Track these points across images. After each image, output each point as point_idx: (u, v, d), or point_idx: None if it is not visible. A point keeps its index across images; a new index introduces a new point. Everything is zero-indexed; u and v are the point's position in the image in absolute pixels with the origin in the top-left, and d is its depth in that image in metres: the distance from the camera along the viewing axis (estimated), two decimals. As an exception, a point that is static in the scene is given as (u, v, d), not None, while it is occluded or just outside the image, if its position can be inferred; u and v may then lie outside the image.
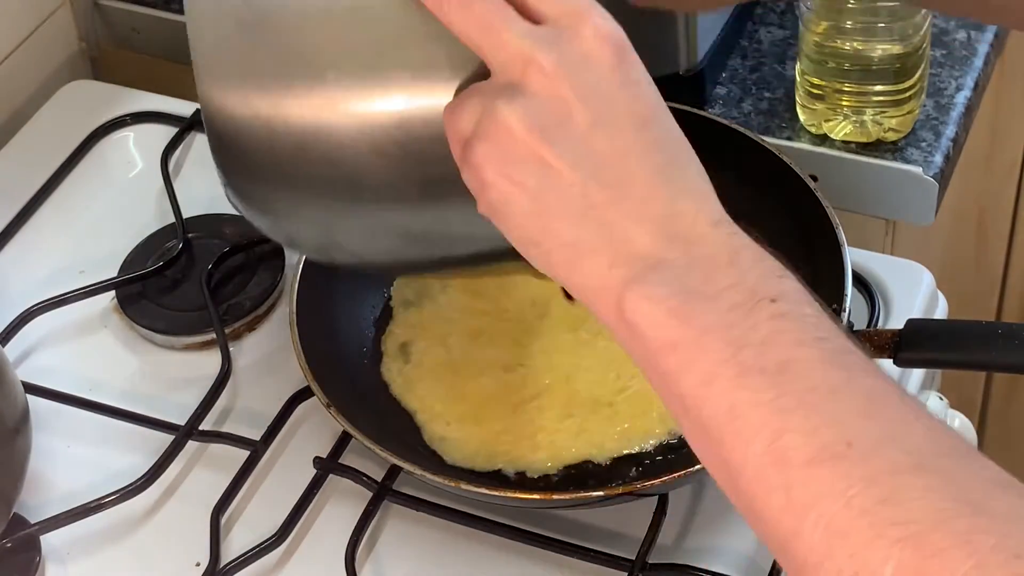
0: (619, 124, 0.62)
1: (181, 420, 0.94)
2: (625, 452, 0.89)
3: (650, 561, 0.85)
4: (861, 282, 0.98)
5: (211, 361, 0.98)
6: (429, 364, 0.95)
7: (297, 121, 0.70)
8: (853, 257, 0.93)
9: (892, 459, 0.55)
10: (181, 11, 1.22)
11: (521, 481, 0.89)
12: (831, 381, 0.57)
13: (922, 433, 0.56)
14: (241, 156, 0.74)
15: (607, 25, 0.63)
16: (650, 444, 0.89)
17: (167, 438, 0.94)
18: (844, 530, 0.54)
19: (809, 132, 1.09)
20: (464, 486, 0.85)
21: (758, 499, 0.57)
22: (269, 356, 1.00)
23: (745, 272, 0.60)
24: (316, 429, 0.94)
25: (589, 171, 0.61)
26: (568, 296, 0.78)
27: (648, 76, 0.64)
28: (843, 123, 1.07)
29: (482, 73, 0.65)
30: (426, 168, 0.69)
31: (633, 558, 0.85)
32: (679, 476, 0.83)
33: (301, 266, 0.95)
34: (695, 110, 1.01)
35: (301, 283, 0.94)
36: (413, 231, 0.73)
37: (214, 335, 0.99)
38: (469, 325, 0.96)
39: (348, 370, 0.95)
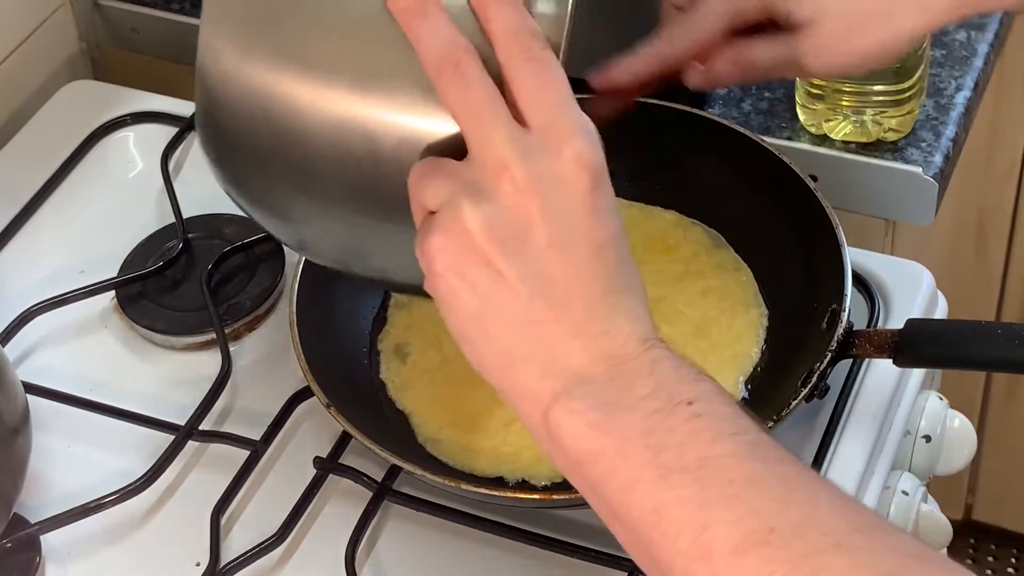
0: (576, 248, 0.64)
1: (181, 420, 0.94)
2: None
3: (650, 561, 0.85)
4: (861, 282, 0.98)
5: (211, 361, 0.99)
6: (423, 366, 0.95)
7: (280, 106, 0.70)
8: (853, 257, 0.93)
9: (812, 541, 0.57)
10: (181, 11, 1.23)
11: (522, 482, 0.89)
12: (748, 472, 0.60)
13: (838, 514, 0.59)
14: (223, 130, 0.74)
15: (588, 151, 0.64)
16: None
17: (167, 438, 0.94)
18: None
19: (809, 132, 1.09)
20: (464, 486, 0.85)
21: None
22: (269, 356, 1.00)
23: (662, 379, 0.63)
24: (316, 429, 0.94)
25: (537, 288, 0.63)
26: None
27: (614, 202, 0.66)
28: (843, 123, 1.07)
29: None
30: (388, 190, 0.69)
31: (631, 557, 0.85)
32: (679, 476, 0.83)
33: (301, 266, 0.95)
34: (695, 110, 1.01)
35: (301, 283, 0.94)
36: (364, 247, 0.74)
37: (214, 335, 0.99)
38: None
39: (348, 370, 0.95)
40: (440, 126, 0.67)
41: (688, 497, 0.59)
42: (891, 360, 0.88)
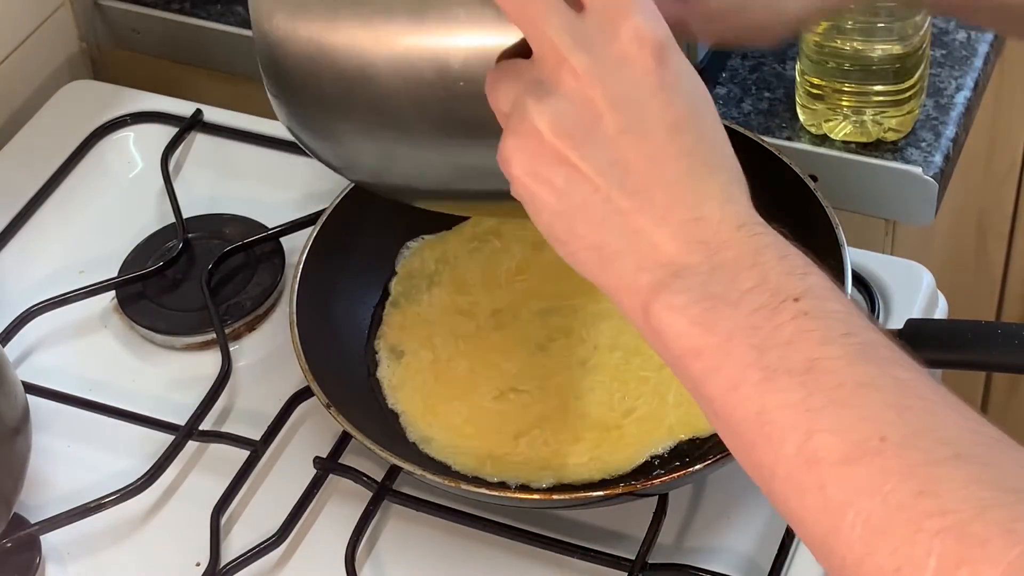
0: (649, 130, 0.61)
1: (181, 420, 0.94)
2: (632, 468, 0.88)
3: (650, 561, 0.85)
4: (861, 282, 0.98)
5: (211, 361, 0.99)
6: (416, 366, 0.95)
7: (343, 53, 0.70)
8: (853, 257, 0.93)
9: (927, 451, 0.54)
10: (181, 11, 1.23)
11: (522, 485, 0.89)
12: (859, 376, 0.56)
13: (957, 423, 0.55)
14: (288, 82, 0.74)
15: (647, 26, 0.61)
16: (660, 451, 0.89)
17: (167, 438, 0.94)
18: (883, 526, 0.53)
19: (809, 132, 1.09)
20: (464, 486, 0.85)
21: (793, 500, 0.56)
22: (269, 356, 1.00)
23: (768, 272, 0.60)
24: (316, 429, 0.94)
25: (615, 177, 0.61)
26: None
27: (691, 75, 0.63)
28: (843, 123, 1.07)
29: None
30: (467, 108, 0.69)
31: (633, 558, 0.85)
32: (679, 476, 0.83)
33: (301, 266, 0.95)
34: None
35: (301, 283, 0.94)
36: (462, 165, 0.73)
37: (214, 335, 0.99)
38: (454, 328, 0.96)
39: (348, 370, 0.95)
40: (503, 33, 0.66)
41: (794, 401, 0.56)
42: (891, 360, 0.87)
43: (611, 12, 0.61)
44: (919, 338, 0.87)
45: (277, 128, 1.14)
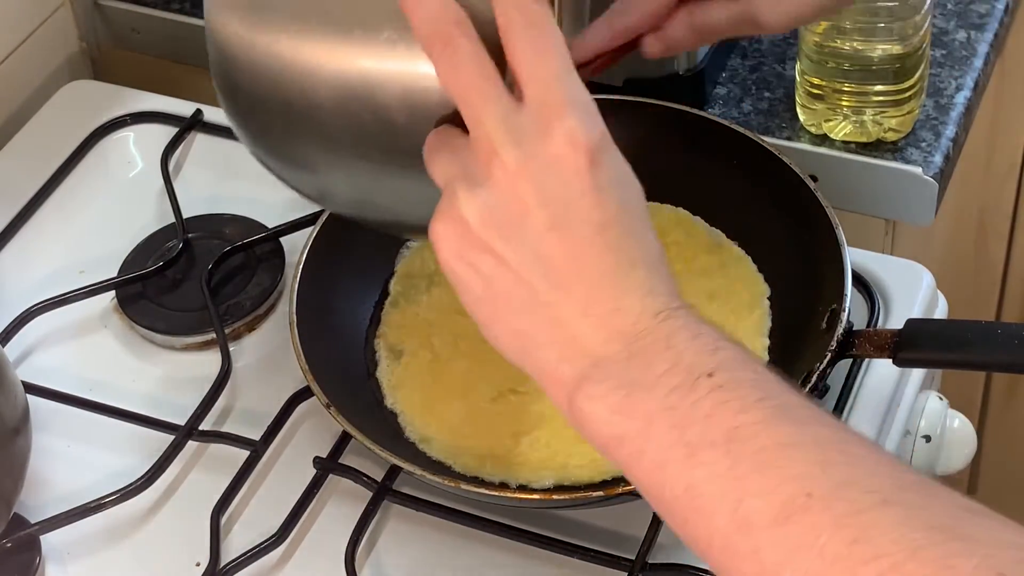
0: (575, 228, 0.62)
1: (181, 420, 0.94)
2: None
3: (650, 561, 0.85)
4: (861, 282, 0.98)
5: (211, 361, 0.99)
6: (415, 366, 0.95)
7: (287, 67, 0.71)
8: (853, 257, 0.93)
9: (853, 500, 0.54)
10: (181, 11, 1.23)
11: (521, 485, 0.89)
12: (779, 437, 0.57)
13: (880, 471, 0.56)
14: (237, 92, 0.75)
15: (581, 129, 0.62)
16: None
17: (167, 438, 0.94)
18: None
19: (809, 132, 1.09)
20: (464, 486, 0.85)
21: (732, 568, 0.57)
22: (269, 356, 1.00)
23: (681, 353, 0.61)
24: (316, 429, 0.94)
25: (540, 271, 0.63)
26: None
27: (622, 172, 0.64)
28: (843, 123, 1.07)
29: None
30: (393, 136, 0.69)
31: (633, 558, 0.85)
32: (679, 476, 0.82)
33: (301, 266, 0.95)
34: (695, 110, 1.01)
35: (301, 283, 0.94)
36: (382, 195, 0.74)
37: (214, 335, 0.99)
38: (453, 328, 0.96)
39: (348, 370, 0.95)
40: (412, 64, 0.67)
41: (720, 472, 0.57)
42: (891, 360, 0.88)
43: (548, 109, 0.62)
44: (919, 338, 0.87)
45: (277, 128, 1.14)
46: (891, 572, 0.52)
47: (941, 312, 1.02)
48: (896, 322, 0.96)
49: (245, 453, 0.93)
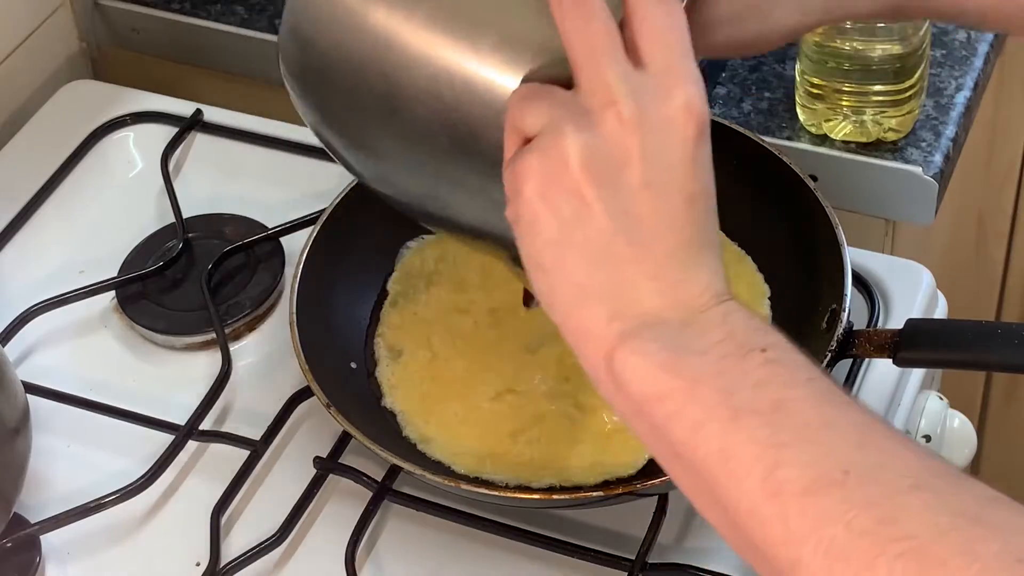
0: (669, 192, 0.63)
1: (181, 420, 0.94)
2: (635, 471, 0.88)
3: (650, 561, 0.85)
4: (861, 282, 0.98)
5: (211, 361, 0.99)
6: (414, 366, 0.95)
7: (368, 40, 0.70)
8: (853, 257, 0.93)
9: (888, 482, 0.56)
10: (181, 11, 1.23)
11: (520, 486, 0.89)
12: (824, 416, 0.59)
13: (915, 459, 0.58)
14: (310, 61, 0.74)
15: (698, 101, 0.63)
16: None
17: (167, 438, 0.94)
18: (845, 553, 0.55)
19: (809, 132, 1.09)
20: (464, 486, 0.85)
21: (755, 533, 0.58)
22: (269, 356, 1.00)
23: (736, 328, 0.62)
24: (316, 429, 0.94)
25: (624, 225, 0.63)
26: (527, 303, 0.79)
27: (711, 159, 0.65)
28: (843, 123, 1.07)
29: (555, 75, 0.66)
30: (467, 129, 0.69)
31: (633, 558, 0.85)
32: (679, 476, 0.83)
33: (301, 266, 0.95)
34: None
35: (301, 283, 0.94)
36: (438, 183, 0.73)
37: (214, 335, 0.99)
38: (453, 327, 0.96)
39: (348, 370, 0.95)
40: (518, 74, 0.67)
41: (760, 438, 0.58)
42: (891, 360, 0.88)
43: (671, 76, 0.63)
44: (919, 338, 0.87)
45: (277, 128, 1.14)
46: (915, 552, 0.53)
47: (941, 312, 1.02)
48: (896, 322, 0.96)
49: (245, 453, 0.93)
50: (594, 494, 0.84)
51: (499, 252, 0.74)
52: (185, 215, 1.06)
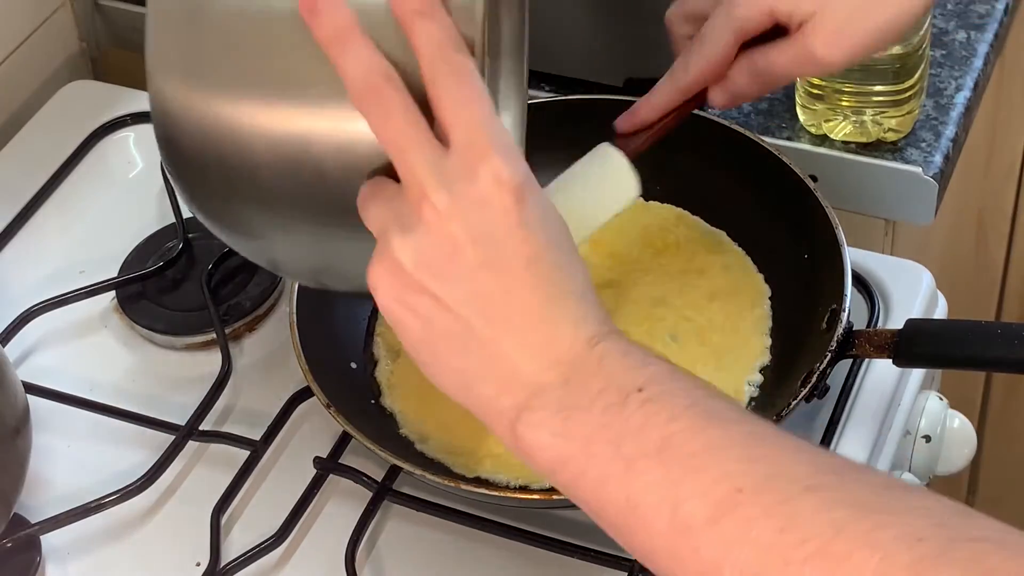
0: (506, 264, 0.64)
1: (181, 420, 0.94)
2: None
3: (650, 561, 0.85)
4: (861, 282, 0.98)
5: (211, 361, 0.99)
6: (412, 366, 0.95)
7: (223, 131, 0.71)
8: (853, 257, 0.93)
9: (780, 490, 0.58)
10: (181, 11, 1.23)
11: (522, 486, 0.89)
12: (707, 441, 0.60)
13: (803, 459, 0.59)
14: (180, 159, 0.75)
15: (505, 169, 0.64)
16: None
17: (167, 438, 0.94)
18: (757, 570, 0.56)
19: (809, 132, 1.09)
20: (464, 486, 0.85)
21: (678, 572, 0.60)
22: (269, 356, 1.00)
23: (612, 373, 0.63)
24: (316, 429, 0.94)
25: (475, 308, 0.65)
26: None
27: (547, 209, 0.66)
28: (843, 123, 1.07)
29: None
30: (330, 193, 0.70)
31: (633, 558, 0.85)
32: (679, 476, 0.82)
33: (301, 266, 0.95)
34: (695, 110, 1.01)
35: (301, 283, 0.94)
36: (330, 259, 0.75)
37: (214, 335, 0.99)
38: None
39: (348, 370, 0.95)
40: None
41: (656, 480, 0.60)
42: (891, 360, 0.88)
43: (473, 152, 0.64)
44: (919, 338, 0.87)
45: (277, 128, 1.14)
46: (819, 552, 0.55)
47: (941, 312, 1.02)
48: (896, 322, 0.96)
49: (245, 453, 0.93)
50: (594, 494, 0.84)
51: None
52: (185, 215, 1.06)
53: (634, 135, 0.89)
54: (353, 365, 0.95)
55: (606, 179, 0.88)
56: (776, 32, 0.85)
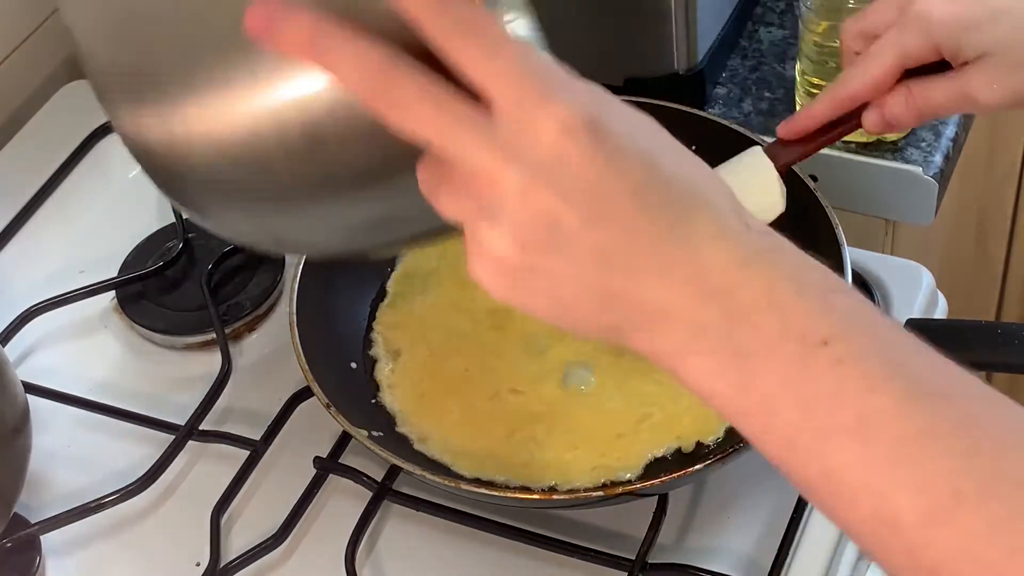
0: (612, 209, 0.57)
1: (181, 420, 0.94)
2: (636, 475, 0.88)
3: (650, 561, 0.85)
4: (861, 282, 0.98)
5: (211, 361, 0.99)
6: (412, 365, 0.95)
7: (185, 133, 0.66)
8: (853, 257, 0.93)
9: (1006, 497, 0.53)
10: (181, 11, 1.23)
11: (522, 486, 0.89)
12: (918, 423, 0.54)
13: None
14: (156, 167, 0.71)
15: (565, 109, 0.56)
16: (661, 452, 0.89)
17: (167, 438, 0.94)
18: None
19: (809, 132, 1.09)
20: (464, 486, 0.85)
21: (881, 556, 0.55)
22: (269, 356, 1.00)
23: (788, 313, 0.57)
24: (316, 429, 0.94)
25: (598, 265, 0.57)
26: None
27: (631, 123, 0.59)
28: (843, 123, 1.07)
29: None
30: (337, 158, 0.62)
31: (633, 558, 0.85)
32: (679, 476, 0.83)
33: (301, 266, 0.95)
34: (695, 110, 1.01)
35: (301, 283, 0.94)
36: (354, 222, 0.68)
37: (214, 335, 0.99)
38: (451, 326, 0.96)
39: (348, 370, 0.95)
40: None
41: (855, 462, 0.54)
42: (891, 360, 0.87)
43: (522, 111, 0.56)
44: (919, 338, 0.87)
45: (277, 128, 1.14)
46: None
47: (941, 312, 1.02)
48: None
49: (245, 453, 0.93)
50: (594, 494, 0.84)
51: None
52: (185, 215, 1.06)
53: (787, 147, 0.89)
54: (353, 365, 0.95)
55: (751, 187, 0.86)
56: (941, 66, 0.86)
